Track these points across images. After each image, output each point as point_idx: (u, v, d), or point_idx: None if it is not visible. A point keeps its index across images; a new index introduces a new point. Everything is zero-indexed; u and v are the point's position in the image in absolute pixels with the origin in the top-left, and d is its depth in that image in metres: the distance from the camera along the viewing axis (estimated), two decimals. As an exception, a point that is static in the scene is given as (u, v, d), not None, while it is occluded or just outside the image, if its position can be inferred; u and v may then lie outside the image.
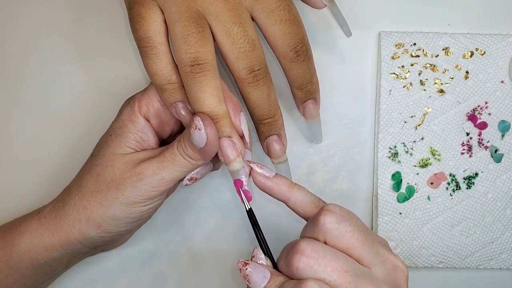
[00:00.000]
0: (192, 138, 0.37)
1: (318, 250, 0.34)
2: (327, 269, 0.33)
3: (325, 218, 0.35)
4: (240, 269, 0.36)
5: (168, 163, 0.39)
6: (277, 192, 0.39)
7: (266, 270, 0.36)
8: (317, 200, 0.39)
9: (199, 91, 0.38)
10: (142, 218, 0.41)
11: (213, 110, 0.38)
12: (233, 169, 0.39)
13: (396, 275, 0.36)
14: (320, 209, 0.36)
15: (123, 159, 0.40)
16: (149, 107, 0.41)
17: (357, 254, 0.35)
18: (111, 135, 0.41)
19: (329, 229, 0.34)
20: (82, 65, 0.49)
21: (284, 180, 0.39)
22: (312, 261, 0.33)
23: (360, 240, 0.35)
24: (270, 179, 0.39)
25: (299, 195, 0.39)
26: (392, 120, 0.49)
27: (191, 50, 0.37)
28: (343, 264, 0.34)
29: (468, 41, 0.48)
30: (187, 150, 0.39)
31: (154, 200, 0.40)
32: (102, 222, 0.40)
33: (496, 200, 0.49)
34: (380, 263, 0.35)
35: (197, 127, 0.37)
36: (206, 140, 0.37)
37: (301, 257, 0.34)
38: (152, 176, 0.39)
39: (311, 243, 0.34)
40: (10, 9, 0.49)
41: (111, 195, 0.39)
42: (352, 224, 0.35)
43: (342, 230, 0.34)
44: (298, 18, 0.40)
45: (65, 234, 0.40)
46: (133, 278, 0.49)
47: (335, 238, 0.35)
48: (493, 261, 0.49)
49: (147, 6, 0.39)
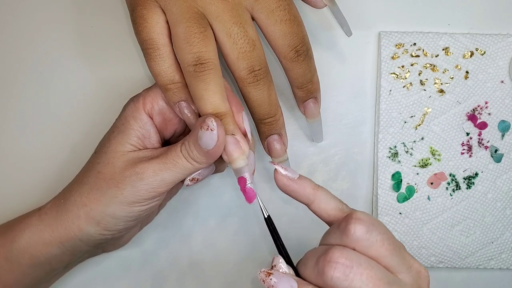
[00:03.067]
0: (201, 139, 0.37)
1: (352, 258, 0.33)
2: (362, 277, 0.33)
3: (356, 227, 0.34)
4: (263, 280, 0.35)
5: (169, 165, 0.39)
6: (301, 195, 0.38)
7: (292, 280, 0.34)
8: (341, 204, 0.38)
9: (203, 89, 0.38)
10: (141, 218, 0.41)
11: (217, 108, 0.38)
12: (236, 166, 0.39)
13: (420, 280, 0.35)
14: (349, 217, 0.35)
15: (124, 157, 0.40)
16: (153, 104, 0.41)
17: (386, 262, 0.34)
18: (114, 132, 0.41)
19: (359, 239, 0.34)
20: (83, 64, 0.49)
21: (309, 182, 0.38)
22: (347, 270, 0.33)
23: (389, 249, 0.34)
24: (294, 181, 0.38)
25: (323, 198, 0.37)
26: (392, 120, 0.49)
27: (194, 50, 0.38)
28: (377, 272, 0.33)
29: (468, 41, 0.48)
30: (192, 152, 0.38)
31: (153, 201, 0.40)
32: (101, 220, 0.40)
33: (496, 200, 0.49)
34: (407, 270, 0.35)
35: (209, 128, 0.37)
36: (216, 142, 0.37)
37: (336, 266, 0.33)
38: (152, 177, 0.39)
39: (345, 251, 0.33)
40: (10, 9, 0.49)
41: (110, 194, 0.39)
42: (382, 233, 0.34)
43: (373, 240, 0.34)
44: (298, 18, 0.41)
45: (64, 230, 0.40)
46: (133, 278, 0.49)
47: (365, 247, 0.34)
48: (493, 261, 0.49)
49: (149, 8, 0.39)
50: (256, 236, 0.49)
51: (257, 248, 0.50)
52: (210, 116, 0.37)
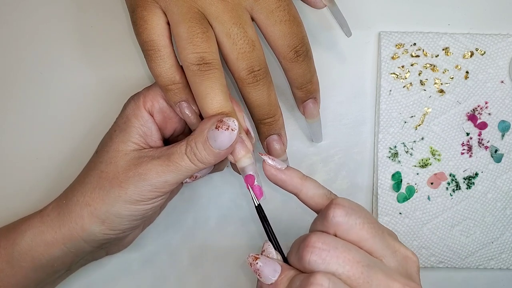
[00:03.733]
0: (215, 140, 0.37)
1: (329, 242, 0.34)
2: (339, 260, 0.33)
3: (335, 211, 0.34)
4: (250, 263, 0.36)
5: (172, 168, 0.39)
6: (289, 185, 0.38)
7: (276, 264, 0.36)
8: (329, 193, 0.38)
9: (208, 88, 0.38)
10: (146, 216, 0.41)
11: (223, 106, 0.38)
12: (243, 165, 0.39)
13: (408, 265, 0.35)
14: (329, 203, 0.35)
15: (127, 156, 0.40)
16: (153, 102, 0.42)
17: (368, 246, 0.34)
18: (116, 131, 0.41)
19: (338, 223, 0.34)
20: (83, 64, 0.49)
21: (296, 173, 0.39)
22: (324, 253, 0.33)
23: (370, 232, 0.34)
24: (282, 171, 0.38)
25: (311, 187, 0.38)
26: (392, 120, 0.49)
27: (198, 50, 0.38)
28: (355, 255, 0.33)
29: (468, 41, 0.48)
30: (201, 154, 0.38)
31: (157, 200, 0.40)
32: (106, 219, 0.40)
33: (496, 200, 0.49)
34: (391, 254, 0.35)
35: (229, 127, 0.37)
36: (233, 142, 0.37)
37: (313, 250, 0.33)
38: (155, 178, 0.39)
39: (322, 236, 0.34)
40: (10, 9, 0.49)
41: (113, 193, 0.39)
42: (362, 217, 0.35)
43: (352, 223, 0.34)
44: (298, 18, 0.41)
45: (68, 231, 0.40)
46: (133, 278, 0.49)
47: (345, 231, 0.34)
48: (493, 261, 0.49)
49: (149, 9, 0.39)
50: (256, 236, 0.49)
51: (257, 248, 0.50)
52: (225, 116, 0.38)
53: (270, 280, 0.35)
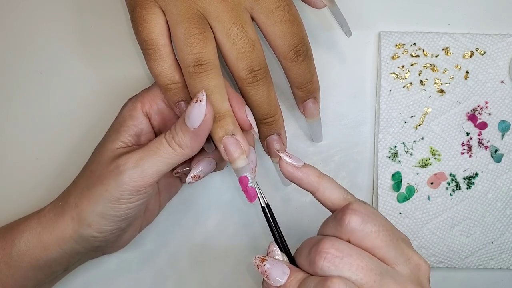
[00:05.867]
0: (188, 117, 0.37)
1: (343, 249, 0.33)
2: (352, 268, 0.33)
3: (351, 217, 0.34)
4: (257, 265, 0.35)
5: (151, 153, 0.38)
6: (305, 183, 0.38)
7: (285, 266, 0.35)
8: (346, 193, 0.38)
9: (202, 89, 0.38)
10: (130, 216, 0.41)
11: (216, 108, 0.38)
12: (237, 166, 0.38)
13: (419, 273, 0.35)
14: (345, 207, 0.35)
15: (112, 153, 0.40)
16: (152, 104, 0.41)
17: (382, 253, 0.34)
18: (110, 131, 0.42)
19: (354, 229, 0.34)
20: (83, 64, 0.49)
21: (313, 171, 0.38)
22: (337, 260, 0.33)
23: (385, 240, 0.34)
24: (299, 169, 0.38)
25: (328, 186, 0.38)
26: (392, 120, 0.49)
27: (194, 51, 0.38)
28: (368, 263, 0.33)
29: (468, 41, 0.48)
30: (178, 135, 0.38)
31: (138, 196, 0.39)
32: (92, 221, 0.39)
33: (496, 200, 0.49)
34: (404, 262, 0.35)
35: (198, 99, 0.36)
36: (204, 117, 0.36)
37: (326, 256, 0.33)
38: (133, 168, 0.38)
39: (336, 242, 0.34)
40: (10, 9, 0.49)
41: (97, 192, 0.39)
42: (377, 224, 0.34)
43: (367, 231, 0.34)
44: (298, 18, 0.41)
45: (61, 232, 0.40)
46: (133, 278, 0.49)
47: (359, 238, 0.34)
48: (493, 261, 0.49)
49: (149, 9, 0.39)
50: (256, 236, 0.49)
51: (257, 247, 0.49)
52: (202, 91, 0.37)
53: (278, 282, 0.35)
